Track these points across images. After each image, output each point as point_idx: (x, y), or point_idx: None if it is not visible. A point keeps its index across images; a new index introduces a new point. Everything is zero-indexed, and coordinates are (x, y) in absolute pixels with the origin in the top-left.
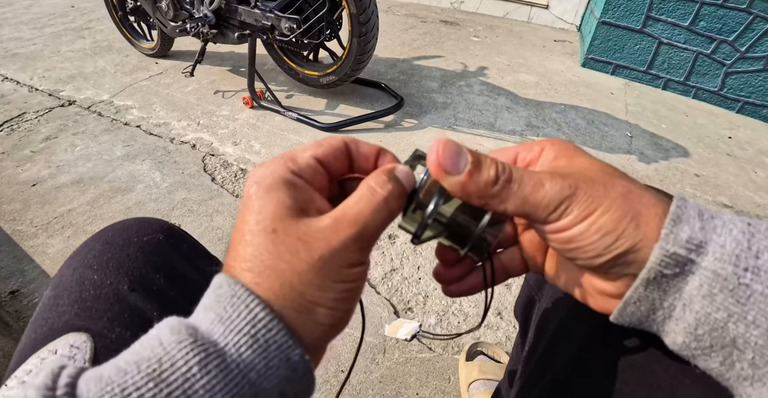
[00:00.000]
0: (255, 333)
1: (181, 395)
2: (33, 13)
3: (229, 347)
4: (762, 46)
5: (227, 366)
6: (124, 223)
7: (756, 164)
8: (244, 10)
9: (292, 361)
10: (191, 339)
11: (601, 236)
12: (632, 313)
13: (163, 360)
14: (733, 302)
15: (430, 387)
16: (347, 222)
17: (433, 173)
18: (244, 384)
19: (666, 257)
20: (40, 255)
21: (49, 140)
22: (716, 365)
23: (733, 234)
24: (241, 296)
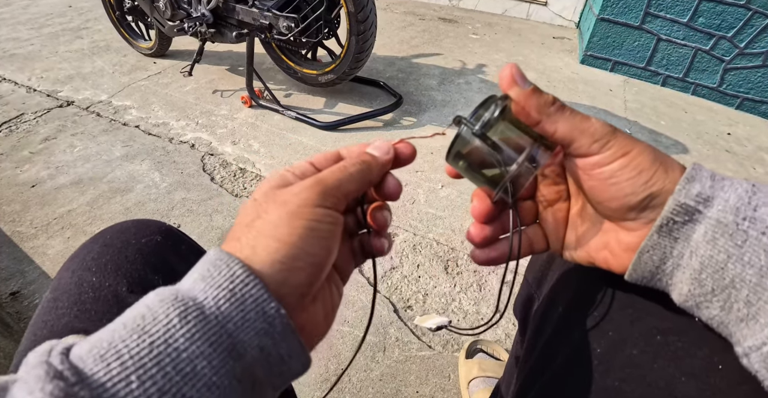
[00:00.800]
0: (233, 288)
1: (162, 343)
2: (30, 13)
3: (208, 300)
4: (761, 42)
5: (206, 317)
6: (122, 225)
7: (755, 160)
8: (242, 9)
9: (268, 314)
10: (172, 296)
11: (638, 173)
12: (645, 263)
13: (146, 316)
14: (732, 245)
15: (430, 384)
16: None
17: (504, 84)
18: (222, 333)
19: (677, 207)
20: (40, 256)
21: (48, 141)
22: (717, 311)
23: (738, 192)
24: (223, 258)
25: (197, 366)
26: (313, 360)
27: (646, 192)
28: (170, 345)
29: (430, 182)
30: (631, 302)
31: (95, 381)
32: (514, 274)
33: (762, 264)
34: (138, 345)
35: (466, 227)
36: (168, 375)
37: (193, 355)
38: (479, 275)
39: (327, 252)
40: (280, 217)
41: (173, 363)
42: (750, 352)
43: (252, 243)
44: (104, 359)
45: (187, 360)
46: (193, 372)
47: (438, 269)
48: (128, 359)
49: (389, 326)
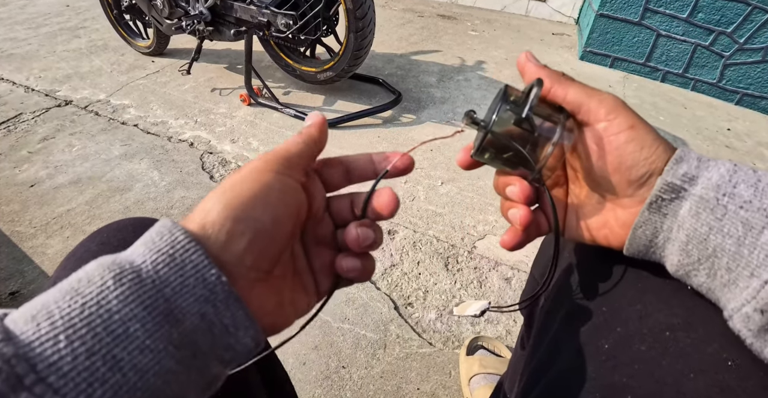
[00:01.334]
0: (173, 253)
1: (94, 304)
2: (28, 13)
3: (146, 264)
4: (760, 38)
5: (142, 281)
6: (119, 223)
7: (755, 156)
8: (239, 7)
9: (209, 281)
10: (110, 260)
11: (641, 148)
12: (640, 237)
13: (81, 279)
14: (713, 218)
15: (431, 381)
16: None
17: (521, 63)
18: (158, 297)
19: (665, 185)
20: (39, 256)
21: (47, 141)
22: (703, 278)
23: (720, 171)
24: (166, 225)
25: (130, 328)
26: (313, 357)
27: (645, 168)
28: (102, 306)
29: (429, 179)
30: (639, 298)
31: (22, 340)
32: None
33: (739, 234)
34: (69, 305)
35: (466, 223)
36: (98, 335)
37: (126, 317)
38: (479, 272)
39: (272, 220)
40: (234, 182)
41: (104, 324)
42: (733, 314)
43: (203, 209)
44: (35, 319)
45: (120, 322)
46: (125, 333)
47: (438, 266)
48: (58, 319)
49: (390, 323)
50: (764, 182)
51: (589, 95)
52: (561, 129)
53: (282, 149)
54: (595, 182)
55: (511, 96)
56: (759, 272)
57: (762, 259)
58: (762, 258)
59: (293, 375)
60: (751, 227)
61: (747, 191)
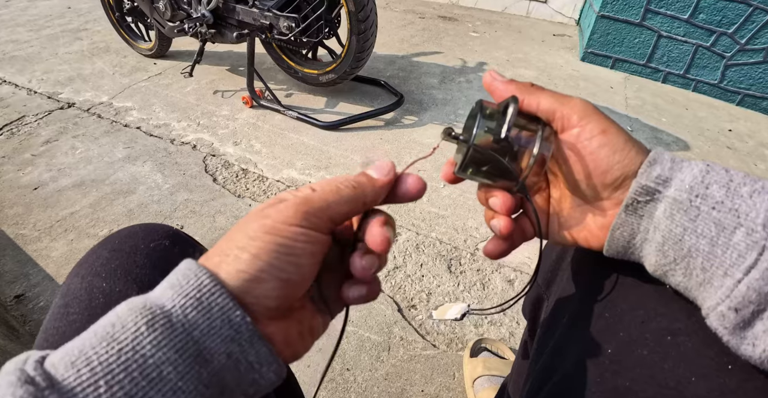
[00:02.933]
0: (200, 297)
1: (130, 350)
2: (29, 15)
3: (175, 309)
4: (762, 38)
5: (173, 325)
6: (129, 229)
7: (756, 157)
8: (242, 10)
9: (234, 322)
10: (141, 305)
11: (613, 152)
12: (618, 239)
13: (115, 324)
14: (686, 219)
15: (435, 383)
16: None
17: (487, 82)
18: (188, 340)
19: (639, 188)
20: (43, 259)
21: (50, 143)
22: (680, 278)
23: (693, 172)
24: (192, 268)
25: (163, 372)
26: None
27: (619, 171)
28: (137, 351)
29: (432, 181)
30: (641, 303)
31: (65, 386)
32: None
33: (712, 235)
34: (107, 351)
35: (468, 226)
36: (135, 380)
37: (159, 361)
38: (482, 274)
39: (297, 270)
40: (256, 231)
41: (140, 368)
42: (709, 312)
43: (226, 253)
44: (74, 365)
45: (154, 366)
46: (159, 376)
47: (441, 268)
48: (97, 365)
49: (393, 325)
50: (736, 182)
51: (560, 103)
52: (540, 140)
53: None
54: (573, 186)
55: (487, 110)
56: (732, 272)
57: (735, 259)
58: (735, 258)
59: (298, 377)
60: (724, 227)
61: (719, 192)
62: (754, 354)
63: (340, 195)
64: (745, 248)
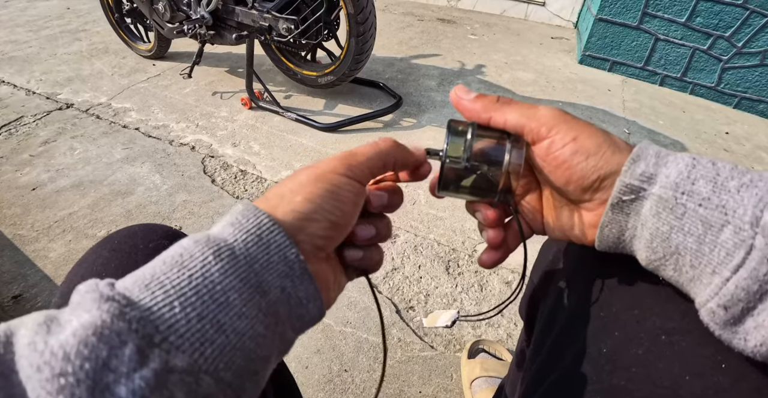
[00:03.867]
0: (260, 233)
1: (200, 276)
2: (28, 15)
3: (237, 243)
4: (758, 42)
5: (236, 256)
6: (129, 230)
7: (753, 160)
8: (241, 11)
9: (289, 259)
10: (204, 239)
11: (586, 158)
12: (607, 236)
13: (183, 254)
14: (673, 217)
15: (432, 384)
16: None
17: (454, 101)
18: (249, 271)
19: (624, 187)
20: (41, 259)
21: (48, 144)
22: (671, 272)
23: (678, 167)
24: (250, 208)
25: (230, 297)
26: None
27: (595, 175)
28: (206, 277)
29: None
30: (636, 303)
31: (142, 305)
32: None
33: (699, 233)
34: (178, 276)
35: (466, 227)
36: (205, 303)
37: (227, 287)
38: (480, 276)
39: (342, 214)
40: (308, 178)
41: (209, 293)
42: (700, 307)
43: (279, 197)
44: (149, 287)
45: (221, 292)
46: (226, 301)
47: (439, 270)
48: (170, 288)
49: (391, 327)
50: (723, 176)
51: (527, 116)
52: (508, 153)
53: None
54: (554, 192)
55: (459, 128)
56: (720, 270)
57: (722, 257)
58: (722, 256)
59: (296, 378)
60: (711, 225)
61: (705, 188)
62: (746, 348)
63: (379, 149)
64: (733, 246)
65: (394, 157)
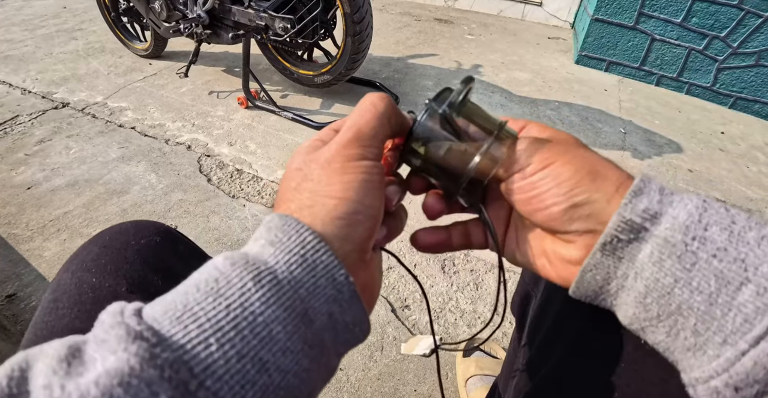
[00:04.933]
0: (304, 253)
1: (238, 307)
2: (24, 14)
3: (279, 265)
4: (754, 42)
5: (279, 282)
6: (120, 226)
7: (748, 159)
8: (237, 10)
9: (338, 281)
10: (243, 260)
11: (557, 184)
12: (588, 283)
13: (219, 280)
14: (680, 268)
15: (427, 383)
16: (344, 130)
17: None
18: (295, 298)
19: (622, 223)
20: (36, 259)
21: (43, 143)
22: (662, 337)
23: (687, 208)
24: (291, 224)
25: (273, 331)
26: None
27: (568, 202)
28: (246, 308)
29: None
30: None
31: (175, 342)
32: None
33: (711, 291)
34: (214, 307)
35: None
36: (245, 338)
37: (269, 319)
38: (476, 274)
39: (381, 203)
40: (330, 175)
41: (250, 326)
42: (696, 384)
43: (308, 204)
44: (181, 321)
45: (263, 324)
46: (269, 336)
47: (435, 269)
48: (205, 321)
49: (387, 325)
50: (740, 225)
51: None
52: (487, 144)
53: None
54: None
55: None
56: (734, 340)
57: (739, 324)
58: (739, 323)
59: None
60: (727, 282)
61: (721, 236)
62: None
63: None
64: (754, 311)
65: (393, 118)
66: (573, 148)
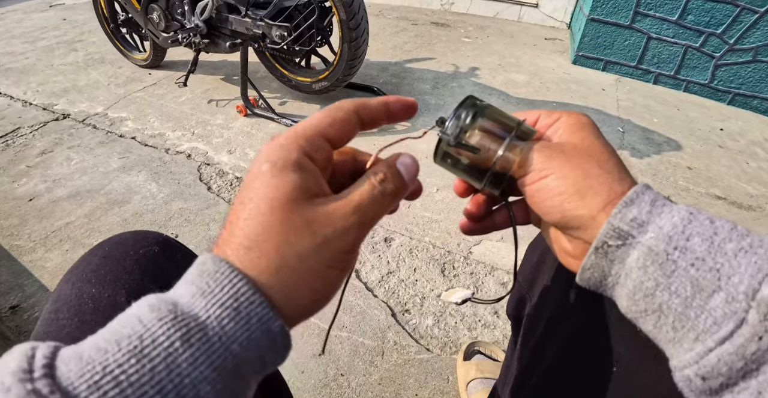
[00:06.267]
0: (237, 306)
1: (164, 369)
2: (24, 27)
3: (211, 320)
4: (750, 38)
5: (209, 339)
6: (120, 236)
7: (748, 155)
8: (235, 19)
9: (273, 332)
10: (171, 315)
11: (550, 196)
12: (588, 278)
13: (143, 337)
14: (660, 274)
15: (429, 387)
16: (351, 209)
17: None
18: (227, 355)
19: (611, 231)
20: (38, 270)
21: (45, 155)
22: (650, 327)
23: (674, 219)
24: (225, 272)
25: (200, 392)
26: (312, 366)
27: (558, 214)
28: (172, 370)
29: (425, 186)
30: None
31: None
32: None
33: (687, 295)
34: (137, 370)
35: None
36: None
37: (197, 380)
38: (476, 277)
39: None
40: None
41: (176, 389)
42: (674, 370)
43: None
44: (99, 386)
45: (191, 386)
46: (197, 397)
47: (435, 273)
48: (127, 386)
49: (387, 330)
50: (720, 237)
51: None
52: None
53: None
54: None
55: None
56: (704, 338)
57: (708, 326)
58: (708, 324)
59: (292, 384)
60: (701, 288)
61: (701, 246)
62: None
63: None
64: (722, 316)
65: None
66: (575, 157)
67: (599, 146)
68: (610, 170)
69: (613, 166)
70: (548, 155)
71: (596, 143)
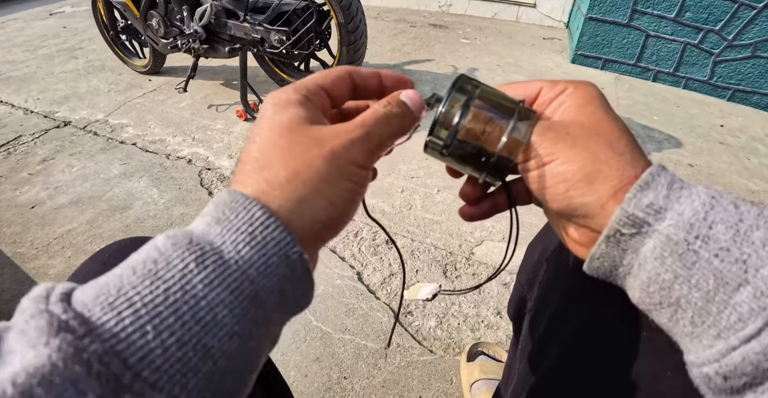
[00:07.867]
0: (252, 231)
1: (178, 290)
2: (25, 35)
3: (226, 244)
4: (749, 34)
5: (225, 262)
6: (119, 243)
7: (749, 151)
8: (233, 25)
9: (291, 259)
10: (186, 240)
11: (555, 183)
12: (597, 268)
13: (158, 261)
14: (680, 265)
15: (432, 389)
16: (354, 125)
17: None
18: (243, 279)
19: (624, 218)
20: (41, 277)
21: (46, 162)
22: (665, 320)
23: (694, 205)
24: (239, 200)
25: (218, 315)
26: (315, 369)
27: (564, 202)
28: (187, 291)
29: (426, 187)
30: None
31: (106, 331)
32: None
33: (709, 289)
34: (151, 291)
35: (463, 230)
36: (186, 324)
37: (213, 303)
38: (478, 278)
39: (351, 212)
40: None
41: (191, 311)
42: (691, 367)
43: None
44: (113, 307)
45: (207, 309)
46: (214, 320)
47: (437, 274)
48: (141, 307)
49: (390, 332)
50: (747, 224)
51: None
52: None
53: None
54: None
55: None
56: (727, 335)
57: (733, 322)
58: (733, 321)
59: (295, 387)
60: (726, 282)
61: (725, 235)
62: None
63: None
64: (749, 312)
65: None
66: (582, 138)
67: (609, 123)
68: (622, 152)
69: (624, 146)
70: (552, 138)
71: (606, 120)
